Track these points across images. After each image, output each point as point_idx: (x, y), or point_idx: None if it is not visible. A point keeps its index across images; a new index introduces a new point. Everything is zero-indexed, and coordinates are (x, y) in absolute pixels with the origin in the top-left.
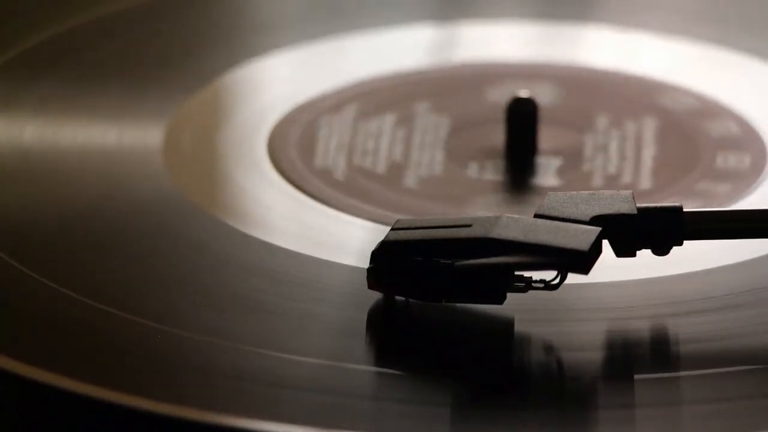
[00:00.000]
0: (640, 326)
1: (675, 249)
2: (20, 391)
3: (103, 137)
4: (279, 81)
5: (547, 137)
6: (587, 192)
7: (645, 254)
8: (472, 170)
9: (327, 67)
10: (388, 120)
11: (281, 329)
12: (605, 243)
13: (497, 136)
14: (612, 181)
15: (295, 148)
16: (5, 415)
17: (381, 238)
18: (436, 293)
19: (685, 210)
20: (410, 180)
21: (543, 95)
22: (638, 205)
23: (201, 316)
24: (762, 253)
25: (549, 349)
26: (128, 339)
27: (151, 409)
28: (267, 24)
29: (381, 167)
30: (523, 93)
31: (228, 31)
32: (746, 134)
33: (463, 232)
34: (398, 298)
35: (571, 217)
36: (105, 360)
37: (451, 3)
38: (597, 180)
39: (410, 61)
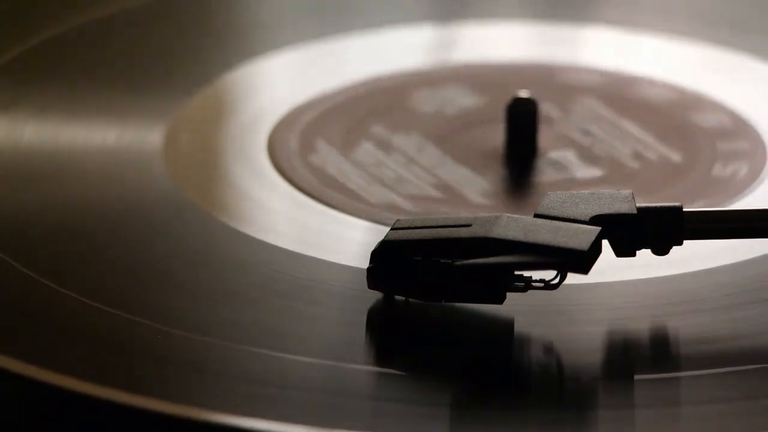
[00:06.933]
0: (640, 326)
1: (675, 249)
2: (20, 391)
3: (103, 137)
4: (279, 81)
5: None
6: (587, 191)
7: (645, 254)
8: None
9: (327, 67)
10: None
11: (281, 329)
12: (605, 243)
13: (497, 136)
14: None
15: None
16: (5, 415)
17: (381, 237)
18: (436, 293)
19: (684, 210)
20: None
21: (542, 95)
22: (638, 204)
23: (200, 315)
24: (762, 252)
25: (549, 349)
26: (128, 339)
27: (150, 409)
28: (267, 24)
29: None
30: (523, 93)
31: (228, 31)
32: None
33: (462, 232)
34: (398, 297)
35: (571, 217)
36: (105, 360)
37: (451, 3)
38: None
39: (410, 61)
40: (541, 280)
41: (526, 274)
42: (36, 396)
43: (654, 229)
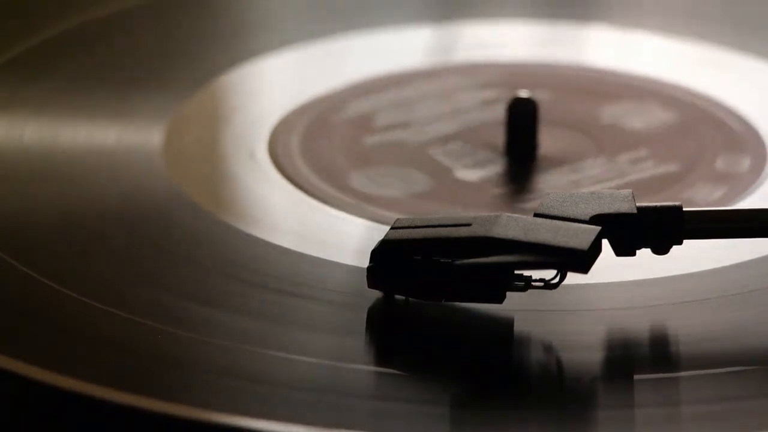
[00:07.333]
0: (640, 326)
1: (675, 248)
2: (20, 391)
3: (103, 137)
4: (279, 81)
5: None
6: (587, 191)
7: (645, 253)
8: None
9: (327, 67)
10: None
11: (281, 329)
12: (605, 242)
13: (497, 136)
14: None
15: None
16: (5, 415)
17: (381, 237)
18: (435, 292)
19: (685, 209)
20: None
21: (543, 95)
22: (638, 204)
23: (200, 315)
24: (762, 253)
25: (548, 348)
26: (128, 339)
27: (150, 409)
28: (267, 24)
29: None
30: (523, 93)
31: (228, 31)
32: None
33: (462, 231)
34: (398, 297)
35: (571, 217)
36: (105, 360)
37: (451, 3)
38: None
39: (410, 61)
40: (541, 280)
41: (526, 273)
42: (36, 396)
43: (654, 228)
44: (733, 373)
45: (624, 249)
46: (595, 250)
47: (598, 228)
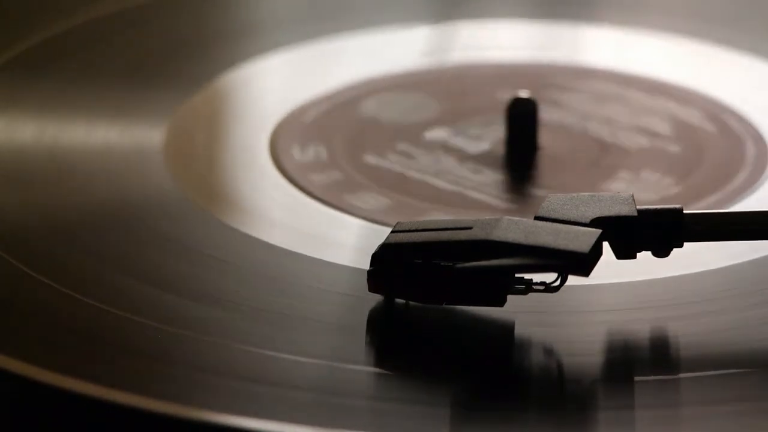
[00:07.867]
0: (640, 328)
1: (675, 251)
2: (20, 391)
3: (103, 137)
4: (279, 81)
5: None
6: (587, 194)
7: (645, 256)
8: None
9: (327, 67)
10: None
11: (281, 329)
12: (605, 245)
13: (497, 136)
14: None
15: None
16: (5, 415)
17: (382, 239)
18: (436, 295)
19: (685, 212)
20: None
21: (543, 95)
22: (638, 206)
23: (201, 315)
24: (762, 253)
25: (549, 351)
26: (128, 339)
27: (150, 409)
28: (266, 24)
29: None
30: (523, 93)
31: (228, 31)
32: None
33: (463, 235)
34: (398, 300)
35: (572, 219)
36: (105, 360)
37: (451, 3)
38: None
39: (410, 61)
40: (542, 283)
41: (527, 276)
42: (36, 396)
43: (654, 231)
44: (734, 374)
45: (624, 252)
46: (595, 253)
47: (599, 231)
